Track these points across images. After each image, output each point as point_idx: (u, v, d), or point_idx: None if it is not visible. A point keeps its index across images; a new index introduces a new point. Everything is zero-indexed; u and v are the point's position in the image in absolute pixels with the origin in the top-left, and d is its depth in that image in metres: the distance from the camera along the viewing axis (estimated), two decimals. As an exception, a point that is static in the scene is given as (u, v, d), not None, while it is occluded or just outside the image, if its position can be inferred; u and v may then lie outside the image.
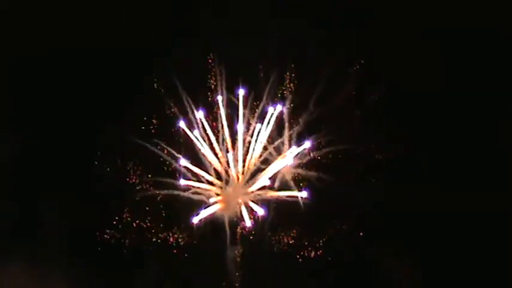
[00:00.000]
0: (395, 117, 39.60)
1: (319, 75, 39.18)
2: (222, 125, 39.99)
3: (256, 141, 39.81)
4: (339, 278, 38.46)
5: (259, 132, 39.81)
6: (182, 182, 39.45)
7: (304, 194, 38.87)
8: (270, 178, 39.24)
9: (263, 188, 39.45)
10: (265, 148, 39.99)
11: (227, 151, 39.61)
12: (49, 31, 40.64)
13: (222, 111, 40.00)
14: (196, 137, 39.85)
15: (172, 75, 39.44)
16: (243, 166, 39.85)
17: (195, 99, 40.00)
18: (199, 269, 39.14)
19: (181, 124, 39.93)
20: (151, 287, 39.21)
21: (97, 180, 39.16)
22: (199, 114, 39.94)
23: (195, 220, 38.92)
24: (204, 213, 39.02)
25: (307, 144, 39.38)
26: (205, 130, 39.99)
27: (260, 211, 38.85)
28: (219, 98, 40.09)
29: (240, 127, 39.75)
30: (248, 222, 39.04)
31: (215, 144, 39.99)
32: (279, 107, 39.87)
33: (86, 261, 38.65)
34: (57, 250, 38.61)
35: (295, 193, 39.10)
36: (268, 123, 39.86)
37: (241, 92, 39.97)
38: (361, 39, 40.03)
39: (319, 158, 39.71)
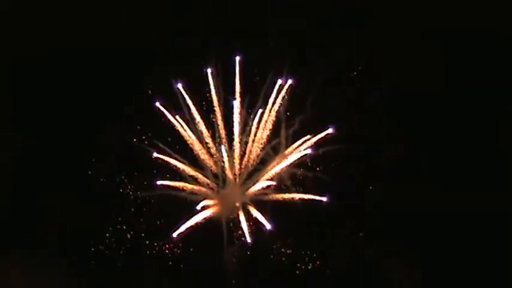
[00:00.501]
0: (396, 117, 39.60)
1: (319, 75, 39.17)
2: (212, 102, 38.49)
3: (257, 130, 38.65)
4: (339, 278, 38.44)
5: (260, 120, 38.52)
6: (159, 182, 38.30)
7: (324, 198, 37.86)
8: (272, 179, 38.28)
9: (265, 189, 38.38)
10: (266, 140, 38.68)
11: (218, 141, 38.44)
12: (49, 31, 40.65)
13: (212, 84, 38.49)
14: (177, 120, 38.54)
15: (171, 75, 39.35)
16: (241, 159, 38.69)
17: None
18: (195, 278, 38.57)
19: (158, 104, 38.94)
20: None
21: (96, 180, 39.14)
22: (179, 86, 38.46)
23: (175, 234, 37.79)
24: (186, 225, 37.53)
25: (329, 130, 38.28)
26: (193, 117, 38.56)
27: (267, 225, 37.29)
28: (209, 70, 38.87)
29: (237, 104, 38.48)
30: (249, 238, 37.83)
31: (206, 134, 38.82)
32: (290, 81, 38.43)
33: (85, 261, 38.65)
34: (57, 250, 38.59)
35: (314, 197, 37.78)
36: (275, 99, 38.29)
37: (237, 59, 38.99)
38: (361, 39, 40.03)
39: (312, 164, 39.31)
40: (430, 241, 38.22)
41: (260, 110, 38.77)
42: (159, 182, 38.38)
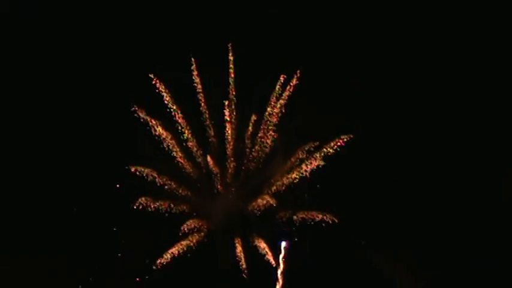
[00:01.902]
0: (395, 117, 39.65)
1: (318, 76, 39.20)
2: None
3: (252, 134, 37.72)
4: (339, 279, 38.50)
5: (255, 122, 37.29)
6: (138, 202, 36.08)
7: (334, 218, 36.83)
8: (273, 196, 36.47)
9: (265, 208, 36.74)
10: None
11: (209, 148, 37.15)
12: (49, 31, 40.69)
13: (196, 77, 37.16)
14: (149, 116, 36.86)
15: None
16: (235, 169, 37.45)
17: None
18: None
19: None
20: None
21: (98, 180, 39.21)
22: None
23: (154, 267, 36.25)
24: (165, 258, 35.93)
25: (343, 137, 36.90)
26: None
27: (272, 262, 35.59)
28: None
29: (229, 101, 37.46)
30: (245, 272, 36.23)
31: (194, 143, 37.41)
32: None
33: (85, 261, 38.73)
34: (57, 250, 38.67)
35: (324, 218, 36.53)
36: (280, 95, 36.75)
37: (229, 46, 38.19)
38: (361, 39, 40.06)
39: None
40: (430, 241, 38.31)
41: (253, 117, 38.05)
42: (138, 202, 36.45)
